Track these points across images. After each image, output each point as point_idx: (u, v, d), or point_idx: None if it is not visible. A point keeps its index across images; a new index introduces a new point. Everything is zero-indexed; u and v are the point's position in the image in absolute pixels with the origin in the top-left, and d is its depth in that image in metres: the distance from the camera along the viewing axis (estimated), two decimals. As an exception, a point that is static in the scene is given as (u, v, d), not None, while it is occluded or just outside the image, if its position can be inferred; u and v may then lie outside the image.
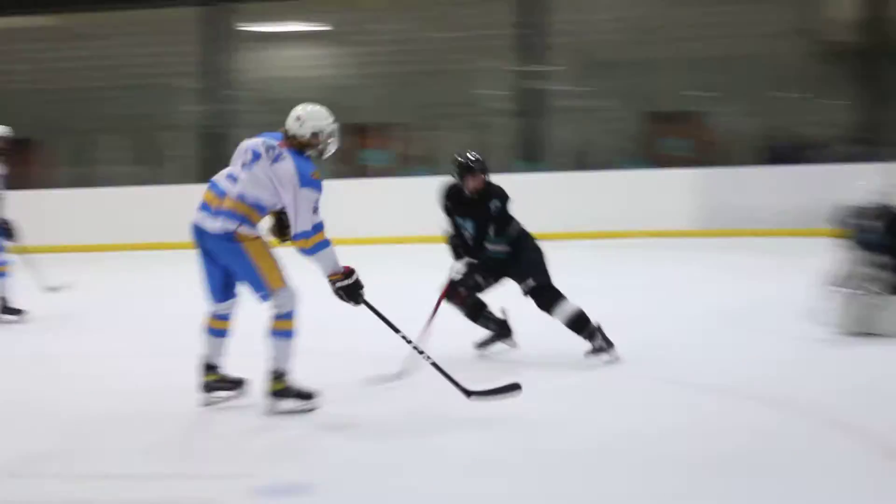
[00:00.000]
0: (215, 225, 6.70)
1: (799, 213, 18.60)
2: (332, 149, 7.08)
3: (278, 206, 6.84)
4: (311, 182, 6.65)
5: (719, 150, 22.31)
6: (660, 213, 18.95)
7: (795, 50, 23.07)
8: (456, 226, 8.71)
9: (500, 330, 8.78)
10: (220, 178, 6.93)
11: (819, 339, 9.17)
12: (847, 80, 22.72)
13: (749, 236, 18.70)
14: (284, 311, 6.80)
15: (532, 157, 22.01)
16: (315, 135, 6.89)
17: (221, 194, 6.78)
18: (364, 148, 23.24)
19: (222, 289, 7.06)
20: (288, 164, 6.68)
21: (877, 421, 6.48)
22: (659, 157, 21.72)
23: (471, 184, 8.49)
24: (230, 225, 6.67)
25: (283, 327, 6.83)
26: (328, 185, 6.87)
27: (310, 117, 6.92)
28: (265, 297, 6.80)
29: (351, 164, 23.53)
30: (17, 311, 11.08)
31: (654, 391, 7.64)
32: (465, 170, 8.53)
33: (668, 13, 23.60)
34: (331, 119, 7.06)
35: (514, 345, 8.74)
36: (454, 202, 8.62)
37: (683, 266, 15.43)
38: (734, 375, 7.96)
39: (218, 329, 7.15)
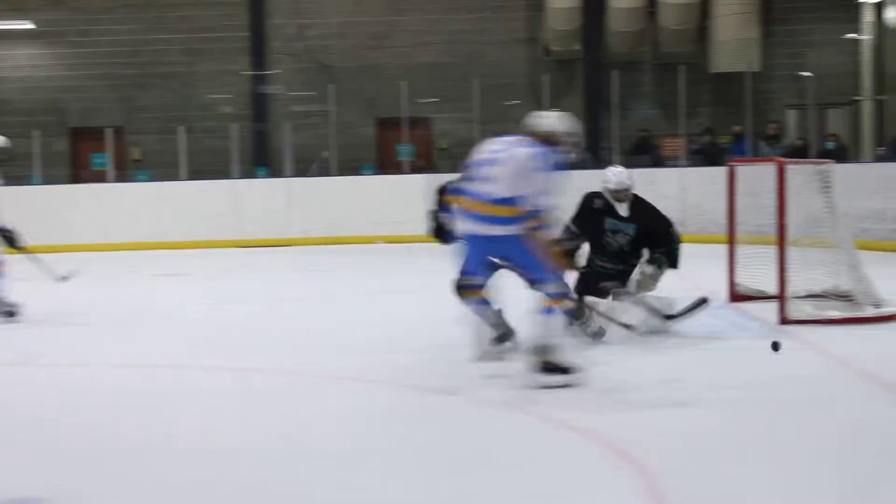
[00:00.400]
0: (495, 229, 7.48)
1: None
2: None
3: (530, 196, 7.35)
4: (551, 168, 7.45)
5: (446, 155, 22.58)
6: (394, 218, 18.91)
7: (523, 58, 23.64)
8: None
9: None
10: (469, 184, 7.68)
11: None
12: (572, 88, 23.39)
13: None
14: (557, 291, 7.42)
15: (262, 163, 21.78)
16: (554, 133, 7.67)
17: (484, 200, 7.47)
18: (89, 152, 22.46)
19: (485, 267, 8.06)
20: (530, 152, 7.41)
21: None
22: (391, 162, 21.79)
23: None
24: (511, 227, 7.40)
25: (554, 304, 7.43)
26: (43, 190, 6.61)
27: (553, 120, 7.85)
28: (542, 280, 7.42)
29: (80, 169, 22.89)
30: (12, 312, 10.50)
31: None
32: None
33: (399, 20, 23.84)
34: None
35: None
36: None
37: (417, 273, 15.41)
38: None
39: (484, 298, 8.06)
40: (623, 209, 9.30)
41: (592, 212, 9.33)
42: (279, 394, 7.46)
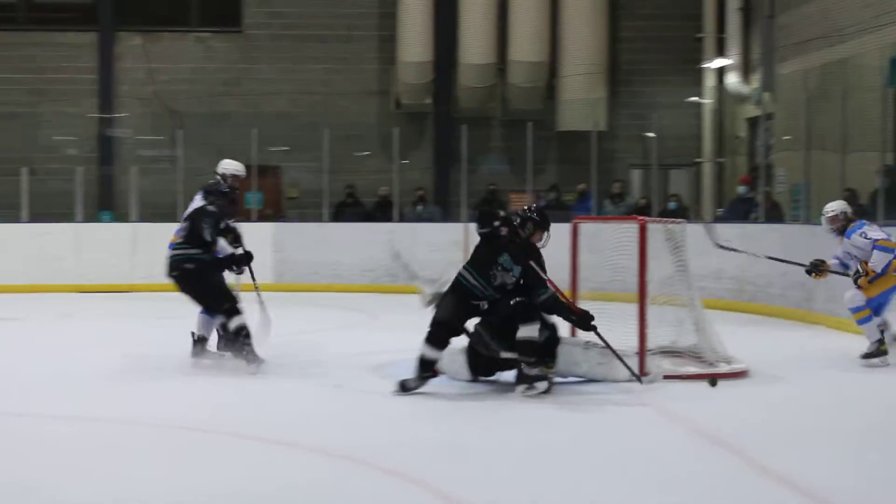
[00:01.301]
0: None
1: (375, 270, 19.31)
2: None
3: None
4: None
5: (296, 204, 22.83)
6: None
7: (374, 110, 24.00)
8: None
9: None
10: None
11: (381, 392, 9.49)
12: (422, 142, 23.81)
13: (324, 291, 18.92)
14: None
15: (107, 207, 21.77)
16: None
17: None
18: None
19: None
20: None
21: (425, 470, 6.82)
22: (239, 210, 21.79)
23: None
24: None
25: None
26: None
27: None
28: None
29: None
30: None
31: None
32: None
33: (250, 68, 24.14)
34: None
35: None
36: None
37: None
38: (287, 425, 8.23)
39: None
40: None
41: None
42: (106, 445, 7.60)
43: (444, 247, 19.34)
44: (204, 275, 10.89)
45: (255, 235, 18.69)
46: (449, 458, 7.24)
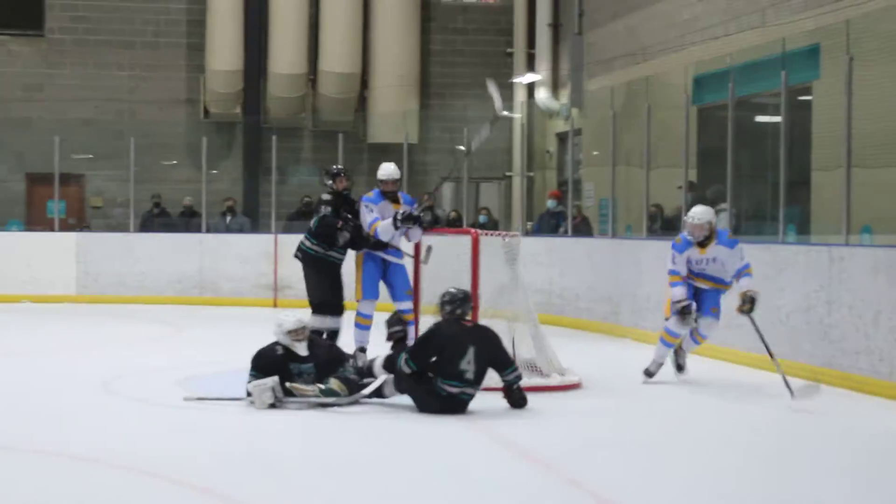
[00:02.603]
0: None
1: (182, 281, 19.37)
2: None
3: None
4: None
5: (100, 214, 22.71)
6: (40, 278, 18.87)
7: (182, 119, 23.97)
8: None
9: None
10: None
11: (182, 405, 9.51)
12: (232, 151, 23.89)
13: (130, 303, 19.16)
14: None
15: None
16: None
17: None
18: None
19: None
20: None
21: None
22: (41, 219, 21.65)
23: None
24: None
25: None
26: None
27: None
28: None
29: None
30: None
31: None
32: None
33: (53, 73, 23.88)
34: None
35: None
36: None
37: (66, 333, 15.52)
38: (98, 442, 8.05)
39: None
40: (302, 349, 9.54)
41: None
42: None
43: (254, 259, 19.57)
44: None
45: (58, 245, 18.83)
46: (249, 470, 7.30)
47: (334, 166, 11.90)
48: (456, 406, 9.02)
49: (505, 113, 11.79)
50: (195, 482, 6.76)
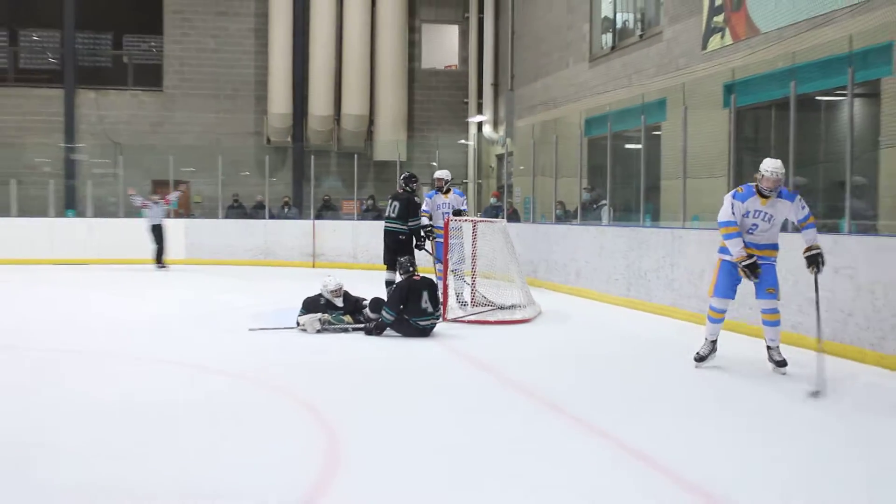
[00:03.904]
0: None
1: (252, 249, 19.54)
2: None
3: None
4: None
5: (199, 207, 22.92)
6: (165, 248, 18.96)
7: (252, 145, 24.02)
8: None
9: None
10: None
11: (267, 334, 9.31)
12: (284, 166, 23.92)
13: (220, 265, 19.88)
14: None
15: (70, 206, 21.70)
16: None
17: None
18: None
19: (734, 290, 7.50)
20: None
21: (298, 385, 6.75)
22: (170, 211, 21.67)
23: None
24: None
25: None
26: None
27: None
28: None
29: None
30: None
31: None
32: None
33: (169, 114, 23.96)
34: None
35: None
36: None
37: (179, 284, 15.68)
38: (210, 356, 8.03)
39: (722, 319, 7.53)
40: (339, 302, 9.36)
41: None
42: None
43: (300, 235, 19.90)
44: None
45: (174, 227, 19.00)
46: (303, 372, 7.17)
47: (411, 174, 11.78)
48: (425, 331, 9.13)
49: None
50: (269, 382, 6.82)
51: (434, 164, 21.57)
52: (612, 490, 4.40)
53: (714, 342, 7.61)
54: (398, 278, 9.63)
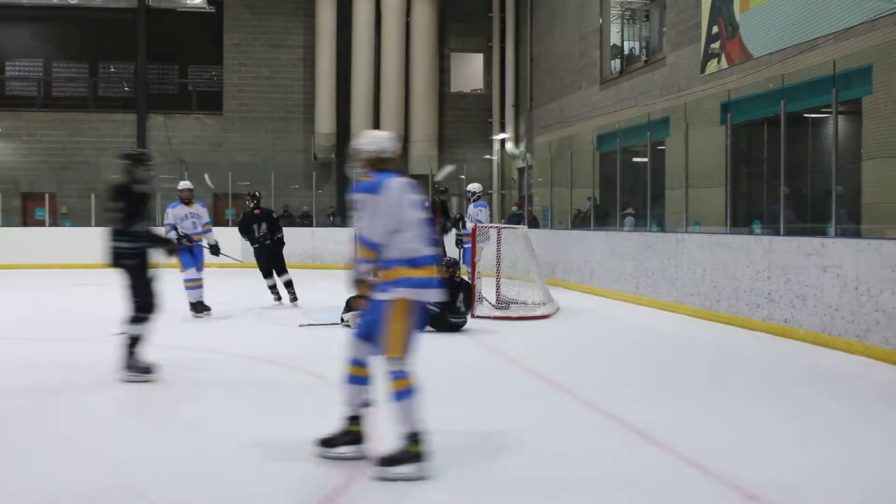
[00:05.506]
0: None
1: (302, 255, 19.60)
2: None
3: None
4: None
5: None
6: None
7: (301, 161, 24.15)
8: None
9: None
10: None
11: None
12: (329, 180, 24.04)
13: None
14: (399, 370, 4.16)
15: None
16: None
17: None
18: (34, 208, 22.14)
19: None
20: None
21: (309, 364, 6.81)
22: (221, 220, 21.78)
23: None
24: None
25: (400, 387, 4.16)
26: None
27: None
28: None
29: (27, 217, 22.72)
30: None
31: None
32: None
33: (227, 135, 24.19)
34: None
35: None
36: None
37: (240, 284, 15.52)
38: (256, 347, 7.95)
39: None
40: None
41: None
42: None
43: (343, 241, 19.87)
44: None
45: (230, 235, 18.86)
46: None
47: (444, 187, 11.83)
48: (457, 327, 8.80)
49: (439, 178, 11.65)
50: (310, 370, 6.80)
51: (462, 176, 21.65)
52: (626, 463, 4.29)
53: None
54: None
